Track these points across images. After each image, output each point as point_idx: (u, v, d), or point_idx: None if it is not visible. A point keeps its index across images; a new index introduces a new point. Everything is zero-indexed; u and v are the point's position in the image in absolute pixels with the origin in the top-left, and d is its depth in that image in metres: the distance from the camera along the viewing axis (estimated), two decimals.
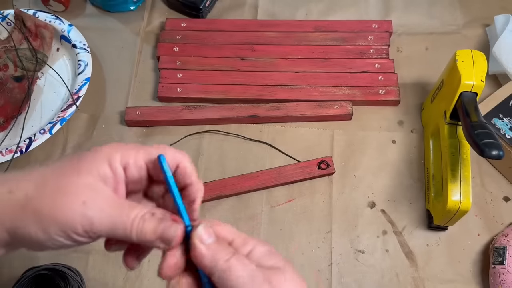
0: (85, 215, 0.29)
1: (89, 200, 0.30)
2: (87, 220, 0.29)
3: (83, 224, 0.29)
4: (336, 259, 0.61)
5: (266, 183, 0.65)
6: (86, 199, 0.30)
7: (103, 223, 0.30)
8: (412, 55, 0.76)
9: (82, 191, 0.30)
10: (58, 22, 0.78)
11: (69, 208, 0.29)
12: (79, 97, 0.70)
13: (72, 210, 0.29)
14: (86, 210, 0.29)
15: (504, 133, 0.63)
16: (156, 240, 0.31)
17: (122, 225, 0.30)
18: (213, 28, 0.78)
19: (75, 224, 0.29)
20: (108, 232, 0.30)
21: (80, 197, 0.30)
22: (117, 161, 0.31)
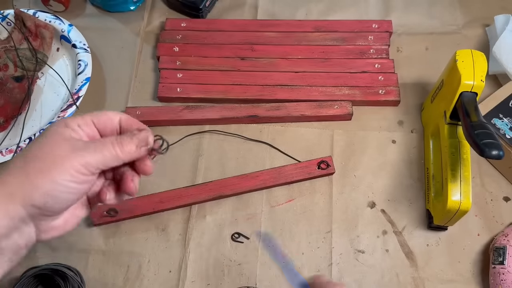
0: (76, 155, 0.35)
1: (71, 146, 0.35)
2: (81, 158, 0.35)
3: (80, 162, 0.35)
4: (336, 259, 0.61)
5: (266, 183, 0.65)
6: (68, 147, 0.35)
7: (93, 155, 0.35)
8: (412, 55, 0.76)
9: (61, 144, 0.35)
10: (58, 22, 0.78)
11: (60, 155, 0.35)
12: (79, 97, 0.70)
13: (65, 156, 0.34)
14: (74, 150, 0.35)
15: (504, 133, 0.63)
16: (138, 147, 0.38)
17: (108, 152, 0.36)
18: (213, 28, 0.78)
19: (74, 165, 0.34)
20: (101, 162, 0.36)
21: (63, 146, 0.35)
22: (71, 123, 0.37)
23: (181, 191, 0.65)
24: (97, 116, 0.39)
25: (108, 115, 0.39)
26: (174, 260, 0.62)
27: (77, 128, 0.37)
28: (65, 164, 0.34)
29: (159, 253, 0.62)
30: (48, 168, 0.34)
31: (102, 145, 0.36)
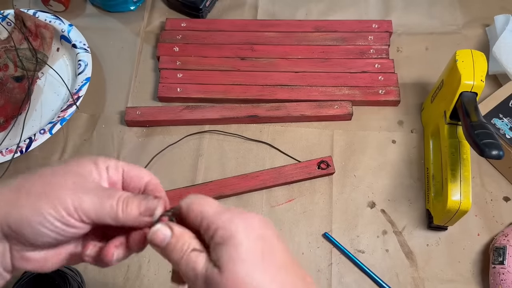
0: (76, 193, 0.31)
1: (78, 182, 0.32)
2: (77, 199, 0.31)
3: (74, 203, 0.31)
4: (336, 259, 0.61)
5: (266, 183, 0.65)
6: (76, 181, 0.32)
7: (92, 200, 0.32)
8: (412, 55, 0.76)
9: (71, 176, 0.33)
10: (58, 22, 0.78)
11: (60, 186, 0.32)
12: (79, 97, 0.70)
13: (63, 188, 0.32)
14: (76, 188, 0.32)
15: (504, 133, 0.63)
16: (140, 215, 0.33)
17: (109, 204, 0.32)
18: (213, 28, 0.78)
19: (66, 202, 0.31)
20: (96, 212, 0.32)
21: (70, 179, 0.32)
22: (101, 162, 0.35)
23: (181, 191, 0.65)
24: (130, 167, 0.36)
25: (140, 172, 0.36)
26: None
27: (103, 170, 0.35)
28: (59, 198, 0.31)
29: (159, 255, 0.62)
30: (39, 195, 0.31)
31: (107, 197, 0.32)
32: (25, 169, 0.68)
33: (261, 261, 0.30)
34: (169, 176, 0.67)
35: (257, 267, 0.29)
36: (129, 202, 0.33)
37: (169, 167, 0.68)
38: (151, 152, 0.69)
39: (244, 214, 0.31)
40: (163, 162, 0.68)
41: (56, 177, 0.32)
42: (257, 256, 0.30)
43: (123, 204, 0.32)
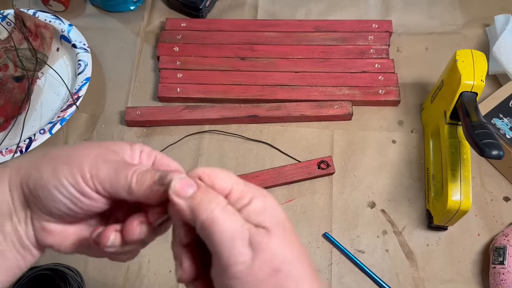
0: (95, 162, 0.31)
1: (103, 153, 0.32)
2: (95, 166, 0.30)
3: (91, 170, 0.30)
4: (336, 259, 0.61)
5: (266, 183, 0.65)
6: (100, 152, 0.32)
7: (108, 171, 0.31)
8: (412, 55, 0.76)
9: (99, 148, 0.32)
10: (58, 22, 0.78)
11: (83, 154, 0.31)
12: (79, 97, 0.70)
13: (85, 156, 0.31)
14: (97, 158, 0.31)
15: (504, 133, 0.63)
16: (154, 183, 0.30)
17: (123, 175, 0.30)
18: (213, 28, 0.78)
19: (83, 168, 0.30)
20: (111, 182, 0.30)
21: (96, 149, 0.32)
22: (137, 146, 0.34)
23: None
24: (162, 156, 0.34)
25: (169, 161, 0.34)
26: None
27: (137, 152, 0.34)
28: (78, 164, 0.31)
29: (159, 253, 0.62)
30: (61, 160, 0.31)
31: (124, 168, 0.31)
32: None
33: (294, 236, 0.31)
34: None
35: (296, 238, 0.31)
36: (144, 173, 0.30)
37: None
38: None
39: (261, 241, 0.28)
40: None
41: (84, 147, 0.32)
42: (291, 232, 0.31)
43: (138, 175, 0.30)
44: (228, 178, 0.30)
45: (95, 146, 0.33)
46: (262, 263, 0.27)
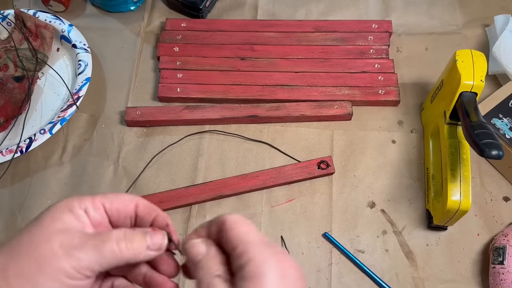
0: (69, 255, 0.29)
1: (65, 241, 0.30)
2: (73, 259, 0.29)
3: (72, 264, 0.29)
4: (336, 259, 0.61)
5: (266, 183, 0.65)
6: (62, 241, 0.29)
7: (89, 254, 0.30)
8: (412, 55, 0.76)
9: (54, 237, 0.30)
10: (58, 22, 0.78)
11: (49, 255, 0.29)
12: (79, 97, 0.71)
13: (54, 255, 0.29)
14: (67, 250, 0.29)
15: (504, 133, 0.63)
16: (148, 249, 0.32)
17: (109, 249, 0.30)
18: (213, 28, 0.78)
19: (64, 267, 0.29)
20: (99, 262, 0.30)
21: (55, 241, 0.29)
22: (76, 207, 0.32)
23: (181, 191, 0.65)
24: (110, 199, 0.33)
25: (122, 200, 0.33)
26: None
27: (82, 214, 0.32)
28: (53, 267, 0.28)
29: None
30: (31, 272, 0.28)
31: (102, 242, 0.30)
32: (25, 169, 0.69)
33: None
34: (169, 176, 0.67)
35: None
36: (133, 239, 0.31)
37: (169, 167, 0.68)
38: (151, 152, 0.69)
39: (282, 257, 0.29)
40: (163, 162, 0.68)
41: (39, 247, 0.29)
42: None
43: (126, 242, 0.31)
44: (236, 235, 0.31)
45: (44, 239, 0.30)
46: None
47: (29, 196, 0.67)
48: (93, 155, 0.69)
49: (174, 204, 0.64)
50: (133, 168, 0.68)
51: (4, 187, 0.68)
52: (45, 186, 0.67)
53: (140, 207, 0.34)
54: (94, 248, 0.30)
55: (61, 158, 0.69)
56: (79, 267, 0.29)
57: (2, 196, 0.67)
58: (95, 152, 0.70)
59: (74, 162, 0.69)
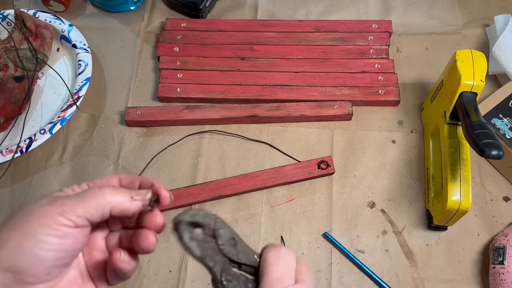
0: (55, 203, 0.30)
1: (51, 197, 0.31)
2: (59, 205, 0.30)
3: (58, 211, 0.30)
4: (336, 259, 0.61)
5: (266, 183, 0.65)
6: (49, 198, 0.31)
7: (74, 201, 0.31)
8: (412, 55, 0.76)
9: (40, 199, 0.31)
10: (58, 22, 0.78)
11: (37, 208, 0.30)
12: (79, 97, 0.71)
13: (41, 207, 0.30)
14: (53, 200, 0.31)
15: (504, 133, 0.63)
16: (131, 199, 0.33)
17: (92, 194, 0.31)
18: (213, 28, 0.78)
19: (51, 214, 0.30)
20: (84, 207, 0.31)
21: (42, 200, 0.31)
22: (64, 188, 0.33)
23: (181, 191, 0.65)
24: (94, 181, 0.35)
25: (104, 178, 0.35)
26: (174, 260, 0.62)
27: (69, 191, 0.33)
28: (42, 216, 0.29)
29: (159, 253, 0.62)
30: (21, 223, 0.29)
31: (86, 192, 0.31)
32: (25, 169, 0.69)
33: None
34: (169, 176, 0.67)
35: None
36: (114, 188, 0.33)
37: (169, 167, 0.68)
38: (151, 152, 0.69)
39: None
40: (163, 162, 0.68)
41: (26, 208, 0.31)
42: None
43: (108, 189, 0.32)
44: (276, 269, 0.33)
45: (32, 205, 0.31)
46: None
47: (29, 196, 0.67)
48: (93, 155, 0.69)
49: (174, 204, 0.64)
50: (133, 168, 0.68)
51: (4, 187, 0.68)
52: (45, 186, 0.67)
53: (123, 179, 0.35)
54: (79, 196, 0.31)
55: (61, 158, 0.69)
56: (63, 212, 0.30)
57: (2, 196, 0.67)
58: (95, 152, 0.70)
59: (74, 162, 0.69)
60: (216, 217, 0.33)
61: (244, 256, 0.34)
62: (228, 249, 0.33)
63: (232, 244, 0.33)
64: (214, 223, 0.33)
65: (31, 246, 0.29)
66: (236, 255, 0.33)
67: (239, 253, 0.33)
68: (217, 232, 0.33)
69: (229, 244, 0.33)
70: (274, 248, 0.34)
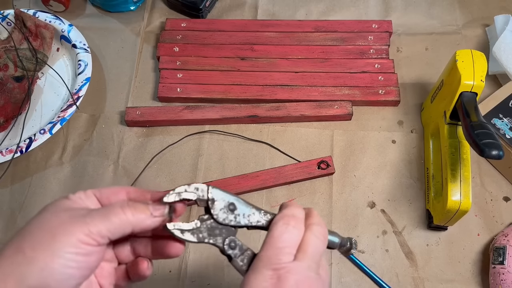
0: (79, 222, 0.31)
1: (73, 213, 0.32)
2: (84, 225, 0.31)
3: (83, 230, 0.30)
4: (336, 259, 0.61)
5: (266, 183, 0.65)
6: (70, 214, 0.32)
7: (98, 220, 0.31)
8: (412, 55, 0.76)
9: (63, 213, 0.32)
10: (58, 22, 0.78)
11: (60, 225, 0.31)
12: (79, 97, 0.71)
13: (65, 225, 0.30)
14: (75, 219, 0.31)
15: (504, 133, 0.63)
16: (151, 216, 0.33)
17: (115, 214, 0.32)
18: (213, 28, 0.78)
19: (76, 234, 0.30)
20: (108, 227, 0.31)
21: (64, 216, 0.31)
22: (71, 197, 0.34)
23: None
24: (100, 190, 0.35)
25: (112, 189, 0.35)
26: (174, 260, 0.62)
27: (79, 200, 0.34)
28: (67, 234, 0.30)
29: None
30: (46, 241, 0.30)
31: (108, 210, 0.32)
32: (25, 169, 0.69)
33: None
34: (169, 176, 0.67)
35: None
36: (136, 206, 0.33)
37: (169, 167, 0.68)
38: (151, 152, 0.69)
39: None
40: (163, 162, 0.68)
41: (50, 222, 0.31)
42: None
43: (130, 209, 0.32)
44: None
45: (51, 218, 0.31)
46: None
47: (29, 196, 0.67)
48: (93, 155, 0.69)
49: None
50: (133, 168, 0.68)
51: (4, 187, 0.68)
52: (45, 186, 0.67)
53: (131, 193, 0.36)
54: (101, 215, 0.31)
55: (61, 158, 0.69)
56: (89, 232, 0.30)
57: (2, 196, 0.67)
58: (95, 152, 0.70)
59: (74, 162, 0.69)
60: (209, 187, 0.35)
61: (245, 219, 0.36)
62: (224, 216, 0.35)
63: (230, 209, 0.35)
64: (207, 194, 0.35)
65: (59, 266, 0.29)
66: (234, 220, 0.35)
67: (237, 217, 0.36)
68: (210, 203, 0.35)
69: (226, 211, 0.35)
70: (283, 218, 0.35)
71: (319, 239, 0.35)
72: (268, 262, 0.33)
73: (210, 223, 0.35)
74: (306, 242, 0.34)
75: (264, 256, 0.33)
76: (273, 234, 0.34)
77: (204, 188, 0.35)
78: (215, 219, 0.35)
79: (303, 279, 0.32)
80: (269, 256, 0.33)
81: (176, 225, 0.34)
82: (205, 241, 0.34)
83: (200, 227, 0.34)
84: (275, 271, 0.32)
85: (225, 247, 0.35)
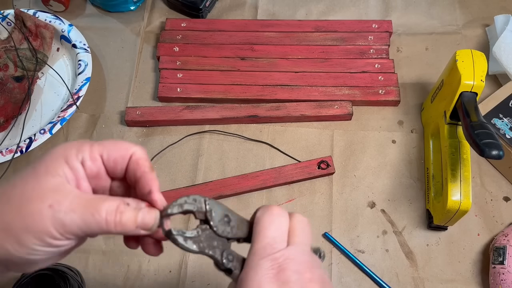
0: (55, 218, 0.29)
1: (55, 203, 0.30)
2: (58, 222, 0.29)
3: (56, 227, 0.29)
4: (336, 259, 0.61)
5: (266, 183, 0.65)
6: (52, 202, 0.30)
7: (75, 222, 0.30)
8: (412, 55, 0.76)
9: (46, 195, 0.30)
10: (58, 22, 0.78)
11: (37, 214, 0.29)
12: (79, 97, 0.71)
13: (41, 216, 0.29)
14: (54, 212, 0.29)
15: (504, 133, 0.63)
16: (137, 229, 0.32)
17: (95, 222, 0.30)
18: (213, 28, 0.78)
19: (48, 229, 0.29)
20: (84, 230, 0.30)
21: (46, 201, 0.30)
22: (73, 158, 0.32)
23: (181, 191, 0.65)
24: (108, 149, 0.33)
25: (120, 150, 0.33)
26: (174, 260, 0.62)
27: (79, 167, 0.32)
28: (39, 228, 0.29)
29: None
30: (16, 229, 0.29)
31: (91, 213, 0.30)
32: None
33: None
34: (169, 176, 0.67)
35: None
36: (123, 216, 0.31)
37: (169, 167, 0.68)
38: (151, 152, 0.69)
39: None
40: (163, 162, 0.68)
41: (29, 205, 0.30)
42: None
43: (116, 219, 0.30)
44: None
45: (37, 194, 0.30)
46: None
47: None
48: None
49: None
50: None
51: None
52: None
53: (133, 157, 0.34)
54: (81, 216, 0.30)
55: None
56: (63, 231, 0.30)
57: None
58: None
59: None
60: (206, 199, 0.34)
61: (239, 230, 0.35)
62: (222, 229, 0.34)
63: (226, 221, 0.34)
64: (205, 206, 0.34)
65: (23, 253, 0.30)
66: (231, 232, 0.34)
67: (233, 229, 0.34)
68: (208, 214, 0.33)
69: (223, 223, 0.34)
70: (266, 211, 0.34)
71: (304, 223, 0.35)
72: (265, 253, 0.32)
73: (209, 233, 0.34)
74: (295, 227, 0.34)
75: (258, 249, 0.32)
76: (262, 226, 0.33)
77: (202, 200, 0.34)
78: (215, 230, 0.34)
79: (303, 263, 0.32)
80: (263, 247, 0.32)
81: (179, 231, 0.32)
82: (205, 251, 0.33)
83: (200, 236, 0.33)
84: (274, 261, 0.31)
85: (224, 261, 0.33)
